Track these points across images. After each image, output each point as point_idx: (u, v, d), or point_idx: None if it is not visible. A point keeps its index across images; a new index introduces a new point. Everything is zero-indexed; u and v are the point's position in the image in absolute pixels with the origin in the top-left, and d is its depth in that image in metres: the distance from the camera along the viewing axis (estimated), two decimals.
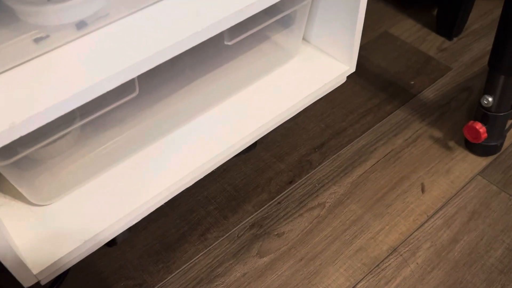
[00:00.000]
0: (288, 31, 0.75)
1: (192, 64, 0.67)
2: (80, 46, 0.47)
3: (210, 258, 0.76)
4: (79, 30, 0.47)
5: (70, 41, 0.47)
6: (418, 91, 1.01)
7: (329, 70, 0.75)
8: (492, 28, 1.14)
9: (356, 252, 0.76)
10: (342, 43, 0.74)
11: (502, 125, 0.84)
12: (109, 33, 0.49)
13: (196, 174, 0.64)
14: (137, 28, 0.49)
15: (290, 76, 0.74)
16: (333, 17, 0.73)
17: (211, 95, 0.70)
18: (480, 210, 0.81)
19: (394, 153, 0.90)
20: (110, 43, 0.48)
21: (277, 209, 0.82)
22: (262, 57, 0.74)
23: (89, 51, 0.47)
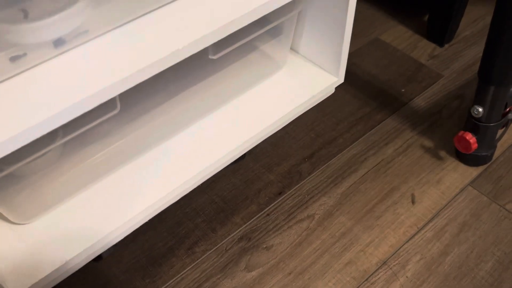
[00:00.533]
0: (275, 42, 0.74)
1: (176, 78, 0.66)
2: (58, 65, 0.46)
3: (198, 272, 0.75)
4: (57, 48, 0.46)
5: (48, 59, 0.46)
6: (409, 99, 1.00)
7: (317, 81, 0.74)
8: (483, 35, 1.13)
9: (345, 266, 0.75)
10: (330, 54, 0.73)
11: (492, 135, 0.83)
12: (88, 50, 0.47)
13: (183, 188, 0.63)
14: (117, 45, 0.48)
15: (277, 88, 0.73)
16: (320, 27, 0.72)
17: (197, 108, 0.69)
18: (470, 222, 0.80)
19: (384, 163, 0.89)
20: (90, 61, 0.46)
21: (266, 221, 0.81)
22: (249, 69, 0.73)
23: (68, 70, 0.46)
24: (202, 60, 0.66)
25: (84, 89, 0.44)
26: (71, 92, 0.44)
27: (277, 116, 0.70)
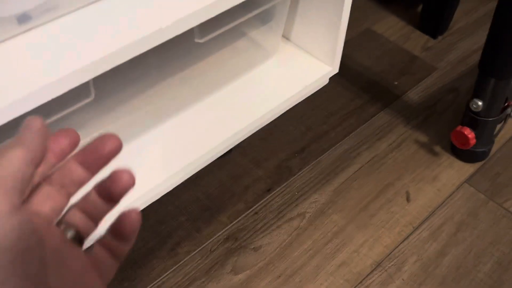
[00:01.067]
0: (266, 28, 0.69)
1: (159, 64, 0.60)
2: (22, 44, 0.40)
3: (180, 275, 0.69)
4: (21, 25, 0.40)
5: (10, 37, 0.40)
6: (403, 92, 0.96)
7: (310, 71, 0.69)
8: (477, 27, 1.10)
9: (338, 267, 0.71)
10: (325, 42, 0.68)
11: (491, 130, 0.80)
12: (58, 28, 0.41)
13: (165, 186, 0.57)
14: (92, 23, 0.42)
15: (268, 77, 0.68)
16: (315, 13, 0.67)
17: (181, 98, 0.63)
18: (468, 221, 0.77)
19: (378, 159, 0.85)
20: (59, 40, 0.41)
21: (254, 220, 0.76)
22: (238, 56, 0.68)
23: (33, 50, 0.40)
24: (187, 44, 0.61)
25: (52, 72, 0.38)
26: (36, 76, 0.38)
27: (267, 108, 0.65)
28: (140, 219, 0.30)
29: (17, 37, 0.40)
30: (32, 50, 0.40)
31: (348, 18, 0.65)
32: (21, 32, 0.41)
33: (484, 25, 1.10)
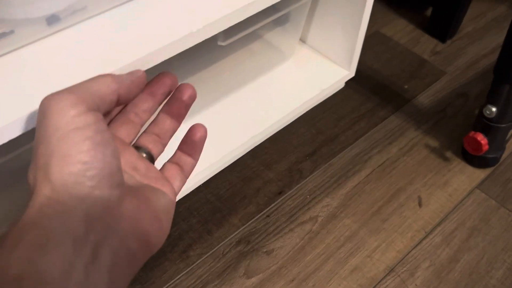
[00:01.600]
0: (283, 30, 0.68)
1: (179, 65, 0.60)
2: (51, 45, 0.39)
3: (193, 278, 0.69)
4: (50, 26, 0.39)
5: (39, 38, 0.39)
6: (413, 96, 0.96)
7: (327, 74, 0.69)
8: (486, 32, 1.10)
9: (351, 272, 0.71)
10: (342, 45, 0.68)
11: (503, 136, 0.80)
12: (86, 30, 0.41)
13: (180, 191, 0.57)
14: (119, 26, 0.41)
15: (285, 80, 0.68)
16: (333, 17, 0.66)
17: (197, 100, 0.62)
18: (479, 227, 0.77)
19: (389, 163, 0.84)
20: (87, 43, 0.40)
21: (266, 223, 0.75)
22: (255, 58, 0.67)
23: (62, 51, 0.39)
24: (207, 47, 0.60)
25: (79, 74, 0.37)
26: (64, 77, 0.37)
27: (284, 111, 0.64)
28: (206, 131, 0.38)
29: (46, 38, 0.40)
30: (60, 52, 0.39)
31: (366, 25, 0.64)
32: (50, 34, 0.40)
33: (492, 30, 1.10)
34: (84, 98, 0.28)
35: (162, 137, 0.37)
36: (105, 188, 0.27)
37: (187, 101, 0.37)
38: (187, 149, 0.37)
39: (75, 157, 0.26)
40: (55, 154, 0.26)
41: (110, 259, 0.26)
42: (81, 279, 0.24)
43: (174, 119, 0.38)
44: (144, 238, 0.29)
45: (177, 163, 0.37)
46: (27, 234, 0.25)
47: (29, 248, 0.24)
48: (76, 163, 0.26)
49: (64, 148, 0.26)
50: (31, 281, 0.23)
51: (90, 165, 0.26)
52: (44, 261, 0.24)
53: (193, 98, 0.38)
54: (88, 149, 0.26)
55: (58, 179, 0.26)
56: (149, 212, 0.30)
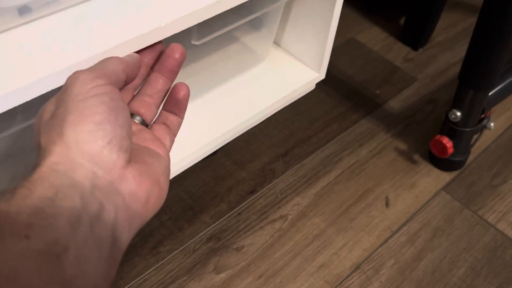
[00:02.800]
0: (258, 34, 0.70)
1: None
2: (21, 35, 0.40)
3: (162, 273, 0.70)
4: (21, 16, 0.40)
5: (10, 28, 0.40)
6: (384, 101, 0.99)
7: (298, 76, 0.71)
8: (456, 41, 1.14)
9: (318, 269, 0.72)
10: (313, 49, 0.70)
11: (468, 140, 0.83)
12: (58, 22, 0.42)
13: None
14: (91, 18, 0.43)
15: (257, 81, 0.70)
16: (305, 21, 0.68)
17: None
18: (443, 227, 0.79)
19: (358, 165, 0.87)
20: (59, 34, 0.41)
21: (237, 220, 0.77)
22: (229, 60, 0.69)
23: (33, 42, 0.40)
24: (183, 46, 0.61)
25: (51, 64, 0.39)
26: (35, 67, 0.38)
27: (255, 110, 0.66)
28: (189, 89, 0.40)
29: (17, 28, 0.41)
30: (31, 42, 0.40)
31: (336, 28, 0.67)
32: (21, 24, 0.41)
33: (462, 40, 1.14)
34: (101, 74, 0.31)
35: (155, 98, 0.39)
36: (114, 150, 0.29)
37: (179, 59, 0.39)
38: (172, 108, 0.39)
39: (90, 116, 0.29)
40: (72, 113, 0.29)
41: (113, 217, 0.28)
42: (87, 231, 0.26)
43: (166, 77, 0.39)
44: (145, 200, 0.31)
45: (164, 122, 0.39)
46: (38, 188, 0.26)
47: (39, 200, 0.25)
48: (90, 122, 0.29)
49: (81, 108, 0.29)
50: (40, 228, 0.24)
51: (102, 126, 0.29)
52: (52, 212, 0.25)
53: (184, 56, 0.40)
54: (102, 111, 0.29)
55: (71, 135, 0.28)
56: (150, 175, 0.32)
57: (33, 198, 0.25)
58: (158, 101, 0.39)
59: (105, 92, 0.30)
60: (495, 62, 0.72)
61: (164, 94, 0.40)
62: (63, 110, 0.29)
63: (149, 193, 0.31)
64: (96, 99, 0.30)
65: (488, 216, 0.81)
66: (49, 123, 0.30)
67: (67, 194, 0.26)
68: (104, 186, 0.28)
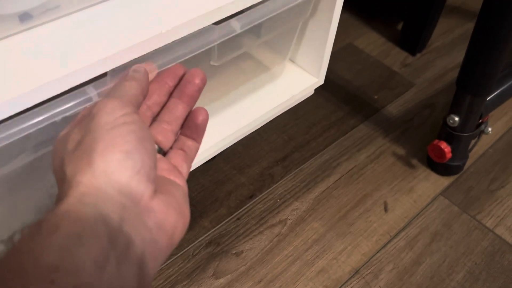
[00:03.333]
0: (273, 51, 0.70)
1: None
2: (22, 42, 0.41)
3: (162, 278, 0.70)
4: (22, 23, 0.41)
5: (11, 34, 0.41)
6: (382, 105, 0.99)
7: (297, 81, 0.72)
8: (453, 46, 1.15)
9: (317, 274, 0.72)
10: (312, 54, 0.70)
11: (466, 145, 0.83)
12: (59, 28, 0.42)
13: None
14: (91, 25, 0.43)
15: (257, 86, 0.70)
16: (303, 27, 0.69)
17: None
18: (442, 232, 0.79)
19: (357, 169, 0.87)
20: (59, 41, 0.41)
21: (236, 225, 0.77)
22: (243, 76, 0.69)
23: (33, 48, 0.40)
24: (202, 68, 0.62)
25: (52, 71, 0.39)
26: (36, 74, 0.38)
27: (255, 115, 0.66)
28: (208, 114, 0.39)
29: (17, 35, 0.41)
30: (32, 49, 0.40)
31: (335, 34, 0.67)
32: (22, 30, 0.41)
33: (460, 45, 1.15)
34: (126, 101, 0.32)
35: (173, 124, 0.38)
36: (142, 180, 0.28)
37: (199, 84, 0.38)
38: (190, 133, 0.38)
39: (119, 145, 0.28)
40: (101, 142, 0.28)
41: (141, 252, 0.27)
42: (113, 271, 0.24)
43: (186, 103, 0.38)
44: (171, 232, 0.30)
45: (182, 148, 0.38)
46: (64, 223, 0.25)
47: (65, 237, 0.24)
48: (119, 151, 0.28)
49: (110, 137, 0.29)
50: (65, 272, 0.23)
51: (131, 155, 0.28)
52: (79, 252, 0.24)
53: (205, 81, 0.39)
54: (131, 140, 0.29)
55: (100, 165, 0.28)
56: (175, 206, 0.31)
57: (59, 235, 0.24)
58: (176, 128, 0.38)
59: (133, 121, 0.30)
60: (493, 67, 0.73)
61: (182, 121, 0.38)
62: (91, 139, 0.29)
63: (175, 225, 0.30)
64: (125, 128, 0.29)
65: (486, 220, 0.81)
66: (75, 153, 0.29)
67: (95, 230, 0.25)
68: (132, 219, 0.27)
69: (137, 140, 0.29)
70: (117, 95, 0.32)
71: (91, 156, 0.28)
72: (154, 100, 0.38)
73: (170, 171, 0.35)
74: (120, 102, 0.31)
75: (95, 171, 0.27)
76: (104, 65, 0.41)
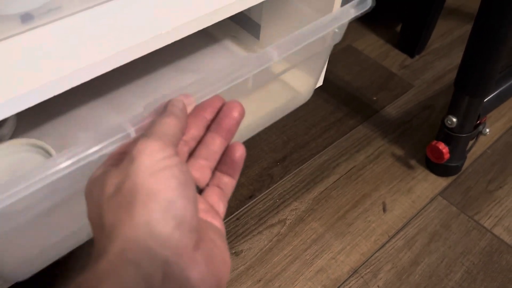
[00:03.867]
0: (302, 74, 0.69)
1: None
2: (24, 42, 0.41)
3: None
4: (24, 24, 0.41)
5: (13, 35, 0.41)
6: (381, 107, 1.00)
7: (297, 83, 0.72)
8: (451, 48, 1.15)
9: (316, 273, 0.73)
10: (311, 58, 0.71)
11: (464, 146, 0.84)
12: (60, 29, 0.43)
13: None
14: (92, 26, 0.43)
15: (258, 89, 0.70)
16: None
17: None
18: (440, 232, 0.80)
19: (356, 170, 0.88)
20: (61, 41, 0.42)
21: (236, 225, 0.77)
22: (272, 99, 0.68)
23: (35, 49, 0.41)
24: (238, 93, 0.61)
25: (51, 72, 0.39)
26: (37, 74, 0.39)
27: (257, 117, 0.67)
28: (245, 149, 0.36)
29: (19, 35, 0.42)
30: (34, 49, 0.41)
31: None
32: (24, 31, 0.42)
33: (458, 47, 1.15)
34: (167, 142, 0.29)
35: (210, 160, 0.35)
36: (185, 231, 0.27)
37: (237, 118, 0.36)
38: (226, 169, 0.36)
39: (162, 193, 0.26)
40: (142, 189, 0.26)
41: None
42: None
43: (223, 138, 0.36)
44: (216, 282, 0.28)
45: (218, 185, 0.36)
46: (104, 285, 0.24)
47: None
48: (162, 200, 0.26)
49: (152, 183, 0.27)
50: None
51: (174, 204, 0.27)
52: None
53: (243, 114, 0.36)
54: (174, 187, 0.27)
55: (142, 216, 0.26)
56: (218, 255, 0.29)
57: None
58: (213, 163, 0.36)
59: (175, 164, 0.28)
60: (490, 68, 0.73)
61: (219, 156, 0.36)
62: (131, 185, 0.27)
63: (219, 276, 0.28)
64: (167, 173, 0.27)
65: (484, 221, 0.82)
66: (114, 199, 0.27)
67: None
68: (175, 275, 0.25)
69: (180, 186, 0.27)
70: (157, 135, 0.30)
71: (132, 205, 0.26)
72: (192, 134, 0.35)
73: (207, 211, 0.33)
74: (161, 144, 0.29)
75: (137, 224, 0.26)
76: (105, 65, 0.42)
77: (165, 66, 0.68)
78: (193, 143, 0.36)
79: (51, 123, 0.58)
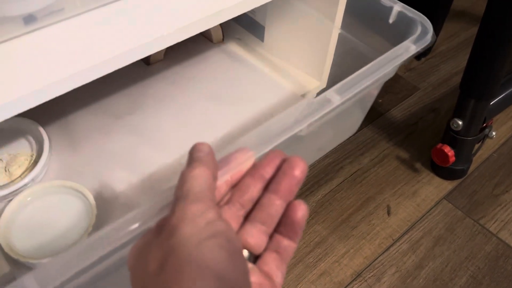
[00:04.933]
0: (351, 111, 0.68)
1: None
2: (26, 44, 0.41)
3: None
4: (26, 25, 0.41)
5: (15, 36, 0.41)
6: (386, 109, 0.99)
7: (300, 85, 0.72)
8: (458, 51, 1.14)
9: (319, 277, 0.72)
10: (314, 58, 0.71)
11: (470, 149, 0.83)
12: (63, 30, 0.43)
13: None
14: (95, 27, 0.43)
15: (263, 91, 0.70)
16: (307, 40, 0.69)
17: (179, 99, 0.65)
18: (445, 236, 0.79)
19: (360, 173, 0.87)
20: (63, 43, 0.42)
21: None
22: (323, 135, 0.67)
23: (37, 50, 0.41)
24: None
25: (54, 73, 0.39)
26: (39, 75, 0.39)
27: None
28: (307, 209, 0.32)
29: (22, 37, 0.42)
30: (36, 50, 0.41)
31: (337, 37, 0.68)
32: (26, 33, 0.42)
33: (464, 50, 1.14)
34: (207, 202, 0.27)
35: (267, 224, 0.32)
36: None
37: (299, 177, 0.32)
38: (285, 231, 0.32)
39: (209, 268, 0.24)
40: (189, 265, 0.24)
41: None
42: None
43: (283, 200, 0.32)
44: None
45: (276, 250, 0.31)
46: None
47: None
48: (211, 277, 0.24)
49: (198, 257, 0.24)
50: None
51: (224, 280, 0.24)
52: None
53: (305, 173, 0.33)
54: (222, 259, 0.24)
55: None
56: None
57: None
58: (270, 228, 0.32)
59: (221, 231, 0.25)
60: (496, 71, 0.73)
61: (278, 219, 0.32)
62: (176, 260, 0.24)
63: None
64: (213, 243, 0.25)
65: (490, 225, 0.81)
66: (160, 278, 0.25)
67: None
68: None
69: (228, 258, 0.25)
70: (193, 195, 0.27)
71: (179, 285, 0.24)
72: (249, 196, 0.32)
73: (261, 285, 0.29)
74: (199, 206, 0.26)
75: None
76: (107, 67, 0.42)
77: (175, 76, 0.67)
78: (249, 205, 0.32)
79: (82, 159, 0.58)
